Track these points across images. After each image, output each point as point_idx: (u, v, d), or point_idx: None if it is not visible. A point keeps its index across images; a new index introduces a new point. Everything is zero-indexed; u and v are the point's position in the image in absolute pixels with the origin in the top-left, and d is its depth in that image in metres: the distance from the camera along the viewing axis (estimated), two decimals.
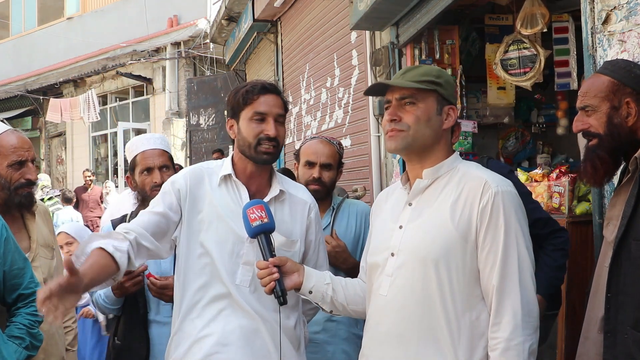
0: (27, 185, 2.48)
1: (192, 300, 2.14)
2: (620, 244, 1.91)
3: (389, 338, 1.86)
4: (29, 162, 2.49)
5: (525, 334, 1.75)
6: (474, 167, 1.92)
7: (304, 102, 8.02)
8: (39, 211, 2.64)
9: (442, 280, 1.80)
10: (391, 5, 4.59)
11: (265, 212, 1.99)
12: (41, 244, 2.58)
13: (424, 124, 1.89)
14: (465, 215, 1.81)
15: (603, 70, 2.09)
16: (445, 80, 1.93)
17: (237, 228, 2.12)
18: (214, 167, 2.26)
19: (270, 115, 2.16)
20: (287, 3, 8.23)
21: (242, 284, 2.12)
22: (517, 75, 4.32)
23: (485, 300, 1.81)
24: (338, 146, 2.87)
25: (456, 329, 1.79)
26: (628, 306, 1.87)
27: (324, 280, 2.05)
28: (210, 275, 2.12)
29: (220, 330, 2.10)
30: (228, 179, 2.20)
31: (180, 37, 13.99)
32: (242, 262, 2.13)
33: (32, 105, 17.70)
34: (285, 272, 1.99)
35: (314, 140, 2.89)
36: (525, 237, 1.83)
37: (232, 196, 2.18)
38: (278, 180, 2.27)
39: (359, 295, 2.08)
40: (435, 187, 1.90)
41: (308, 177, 2.78)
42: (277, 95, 2.21)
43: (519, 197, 1.87)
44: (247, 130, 2.16)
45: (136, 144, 2.83)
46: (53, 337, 2.54)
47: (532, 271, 1.83)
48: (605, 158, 2.02)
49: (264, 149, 2.14)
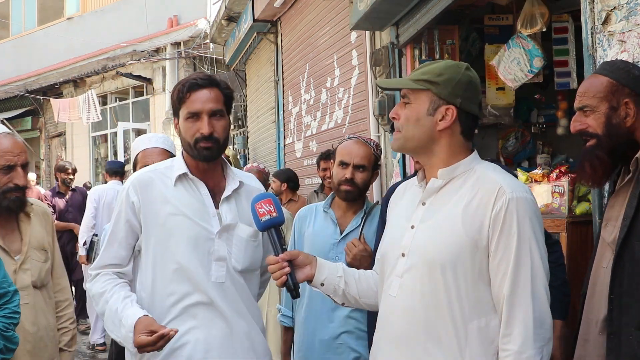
0: (15, 189, 2.47)
1: (163, 306, 2.11)
2: (623, 245, 1.91)
3: (396, 339, 1.84)
4: (18, 167, 2.47)
5: (537, 346, 1.69)
6: (492, 170, 1.84)
7: (304, 102, 8.02)
8: (36, 212, 2.63)
9: (449, 285, 1.75)
10: (391, 5, 4.59)
11: (274, 206, 1.96)
12: (34, 246, 2.56)
13: (412, 125, 1.84)
14: (477, 221, 1.75)
15: (601, 70, 2.09)
16: (446, 78, 1.82)
17: (205, 225, 2.12)
18: (162, 168, 2.22)
19: (204, 112, 2.10)
20: (287, 3, 8.23)
21: (217, 279, 2.11)
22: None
23: (496, 309, 1.76)
24: (375, 147, 2.79)
25: (463, 335, 1.74)
26: (632, 307, 1.86)
27: (336, 272, 2.01)
28: (181, 280, 2.10)
29: (200, 336, 2.09)
30: (184, 178, 2.18)
31: (180, 37, 13.99)
32: (214, 258, 2.12)
33: (32, 105, 17.70)
34: (297, 265, 1.96)
35: (350, 141, 2.82)
36: (540, 246, 1.75)
37: (191, 194, 2.16)
38: (233, 172, 2.25)
39: (372, 289, 2.04)
40: (450, 187, 1.84)
41: (341, 178, 2.73)
42: (212, 87, 2.13)
43: (535, 204, 1.81)
44: (184, 130, 2.14)
45: (138, 142, 2.86)
46: (42, 340, 2.51)
47: (546, 281, 1.75)
48: (604, 158, 2.01)
49: (202, 147, 2.11)
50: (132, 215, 2.16)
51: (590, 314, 2.07)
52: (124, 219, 2.17)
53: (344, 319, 2.71)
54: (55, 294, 2.67)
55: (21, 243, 2.53)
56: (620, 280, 1.91)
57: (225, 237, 2.13)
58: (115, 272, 2.16)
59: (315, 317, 2.74)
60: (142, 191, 2.16)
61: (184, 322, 2.09)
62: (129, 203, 2.16)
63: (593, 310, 2.05)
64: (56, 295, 2.68)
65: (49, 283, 2.63)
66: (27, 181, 2.55)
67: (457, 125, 1.84)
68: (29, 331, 2.44)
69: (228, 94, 2.19)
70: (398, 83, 1.87)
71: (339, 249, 2.73)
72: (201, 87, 2.12)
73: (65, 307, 2.73)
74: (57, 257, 2.73)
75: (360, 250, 2.60)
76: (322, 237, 2.79)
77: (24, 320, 2.39)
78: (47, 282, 2.60)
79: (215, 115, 2.13)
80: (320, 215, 2.86)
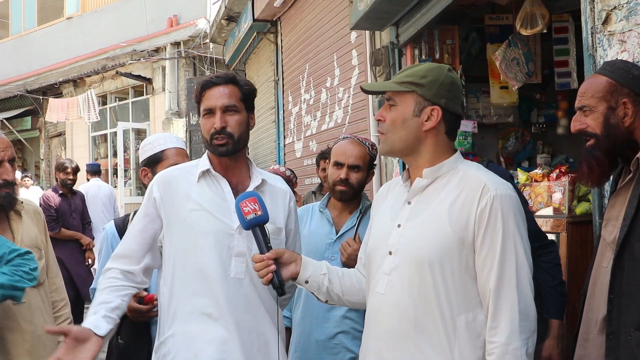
0: (4, 185, 2.46)
1: (181, 301, 2.14)
2: (623, 245, 1.91)
3: (386, 335, 1.88)
4: (5, 162, 2.46)
5: (522, 338, 1.75)
6: (475, 169, 1.91)
7: (304, 102, 8.02)
8: (27, 211, 2.62)
9: (437, 282, 1.80)
10: (391, 5, 4.59)
11: (259, 205, 1.99)
12: (27, 244, 2.54)
13: (399, 126, 1.89)
14: (463, 218, 1.81)
15: (602, 70, 2.09)
16: (430, 80, 1.87)
17: (225, 221, 2.14)
18: (187, 166, 2.28)
19: (217, 108, 2.16)
20: (287, 3, 8.23)
21: (237, 275, 2.12)
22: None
23: (483, 303, 1.81)
24: (370, 147, 2.79)
25: (452, 329, 1.80)
26: (631, 308, 1.86)
27: (320, 270, 2.06)
28: (200, 276, 2.12)
29: (217, 334, 2.10)
30: (207, 174, 2.21)
31: (180, 37, 13.98)
32: (234, 254, 2.13)
33: (32, 105, 17.70)
34: (282, 262, 2.00)
35: (344, 141, 2.82)
36: (524, 241, 1.82)
37: (213, 190, 2.19)
38: (257, 170, 2.29)
39: (355, 287, 2.09)
40: (435, 187, 1.89)
41: (335, 178, 2.74)
42: (227, 84, 2.19)
43: (518, 201, 1.86)
44: (202, 126, 2.21)
45: (164, 139, 2.86)
46: (40, 339, 2.50)
47: (530, 275, 1.82)
48: (601, 158, 2.02)
49: (217, 142, 2.16)
50: (153, 210, 2.19)
51: (590, 314, 2.07)
52: (143, 213, 2.22)
53: (339, 319, 2.71)
54: (50, 294, 2.66)
55: (13, 242, 2.51)
56: (620, 280, 1.91)
57: (246, 233, 2.13)
58: (122, 272, 2.16)
59: (311, 317, 2.74)
60: (165, 187, 2.20)
61: (200, 318, 2.11)
62: (151, 199, 2.20)
63: (593, 309, 2.05)
64: (52, 294, 2.66)
65: (45, 282, 2.62)
66: (15, 177, 2.53)
67: (442, 125, 1.90)
68: (26, 330, 2.43)
69: (247, 90, 2.23)
70: (383, 86, 1.91)
71: (334, 248, 2.73)
72: (216, 84, 2.18)
73: (62, 307, 2.72)
74: (51, 256, 2.72)
75: (354, 250, 2.60)
76: (318, 237, 2.79)
77: (21, 319, 2.39)
78: (42, 280, 2.58)
79: (229, 110, 2.17)
80: (316, 215, 2.87)
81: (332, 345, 2.70)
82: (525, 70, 4.33)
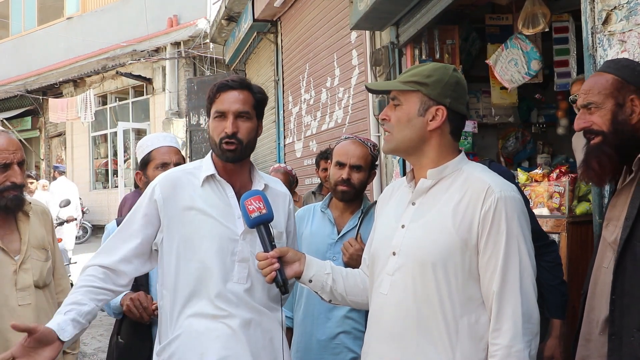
0: (12, 188, 2.44)
1: (184, 305, 2.12)
2: (625, 246, 1.90)
3: (388, 336, 1.88)
4: (14, 164, 2.45)
5: (525, 340, 1.74)
6: (479, 170, 1.90)
7: (304, 102, 8.02)
8: (35, 211, 2.61)
9: (440, 283, 1.80)
10: (391, 5, 4.59)
11: (263, 203, 1.99)
12: (34, 245, 2.54)
13: (404, 126, 1.89)
14: (467, 220, 1.80)
15: (606, 68, 2.08)
16: (435, 79, 1.87)
17: (229, 226, 2.13)
18: (190, 168, 2.24)
19: (230, 112, 2.13)
20: (287, 3, 8.23)
21: (240, 281, 2.12)
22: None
23: (485, 305, 1.81)
24: (372, 148, 2.79)
25: (454, 331, 1.79)
26: (634, 309, 1.85)
27: (324, 269, 2.06)
28: (203, 280, 2.10)
29: (221, 334, 2.09)
30: (211, 179, 2.19)
31: (180, 37, 13.99)
32: (237, 260, 2.13)
33: (32, 105, 17.71)
34: (286, 261, 2.00)
35: (346, 141, 2.81)
36: (527, 243, 1.81)
37: (218, 195, 2.18)
38: (259, 175, 2.28)
39: (359, 287, 2.09)
40: (439, 188, 1.89)
41: (337, 178, 2.73)
42: (242, 90, 2.17)
43: (522, 203, 1.85)
44: (212, 129, 2.18)
45: (152, 140, 2.85)
46: None
47: (534, 277, 1.81)
48: (612, 155, 1.99)
49: (225, 147, 2.14)
50: (153, 211, 2.16)
51: (591, 314, 2.06)
52: (142, 213, 2.17)
53: (341, 319, 2.71)
54: (57, 295, 2.64)
55: (20, 243, 2.51)
56: (622, 281, 1.90)
57: (249, 238, 2.13)
58: (103, 269, 2.11)
59: (313, 317, 2.74)
60: (168, 190, 2.17)
61: (204, 319, 2.10)
62: (152, 200, 2.17)
63: (594, 310, 2.05)
64: (58, 296, 2.64)
65: (51, 283, 2.61)
66: (24, 179, 2.53)
67: (447, 125, 1.89)
68: None
69: (260, 98, 2.21)
70: (388, 85, 1.91)
71: (336, 249, 2.73)
72: (231, 88, 2.16)
73: None
74: (58, 258, 2.71)
75: (356, 250, 2.60)
76: (320, 237, 2.79)
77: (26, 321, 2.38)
78: (49, 282, 2.58)
79: (241, 116, 2.15)
80: (317, 215, 2.87)
81: (334, 346, 2.70)
82: (525, 70, 4.33)
